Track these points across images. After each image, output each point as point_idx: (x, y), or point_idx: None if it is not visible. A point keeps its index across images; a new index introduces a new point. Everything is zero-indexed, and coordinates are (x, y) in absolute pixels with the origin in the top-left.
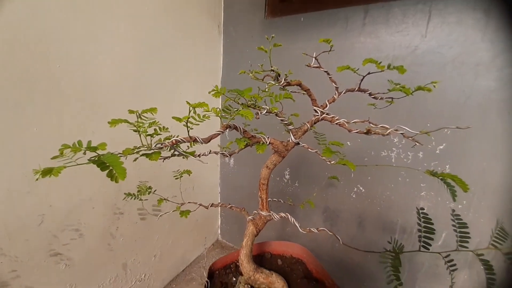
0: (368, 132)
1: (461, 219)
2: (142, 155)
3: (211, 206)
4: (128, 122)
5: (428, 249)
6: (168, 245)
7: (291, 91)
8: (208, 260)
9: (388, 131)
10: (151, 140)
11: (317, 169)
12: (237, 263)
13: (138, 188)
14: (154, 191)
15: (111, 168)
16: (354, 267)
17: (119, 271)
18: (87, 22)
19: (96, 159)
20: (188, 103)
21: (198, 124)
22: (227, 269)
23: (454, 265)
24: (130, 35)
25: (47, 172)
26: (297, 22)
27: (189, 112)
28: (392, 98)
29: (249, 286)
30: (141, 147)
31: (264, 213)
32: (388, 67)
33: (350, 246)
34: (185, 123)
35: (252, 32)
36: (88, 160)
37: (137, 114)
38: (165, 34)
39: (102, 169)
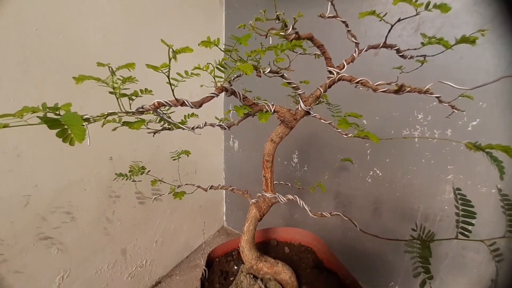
0: (400, 89)
1: (509, 200)
2: (124, 123)
3: (210, 188)
4: (98, 80)
5: (468, 236)
6: (170, 231)
7: (300, 53)
8: (211, 247)
9: (427, 87)
10: (130, 104)
11: (329, 152)
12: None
13: (130, 168)
14: (148, 171)
15: (65, 127)
16: (368, 256)
17: (118, 257)
18: None
19: (47, 117)
20: (163, 41)
21: (185, 81)
22: (228, 256)
23: (500, 254)
24: (118, 1)
25: None
26: None
27: (169, 60)
28: (425, 56)
29: (251, 276)
30: (119, 112)
31: (268, 194)
32: (427, 6)
33: (369, 233)
34: (166, 74)
35: (257, 1)
36: (39, 118)
37: (110, 68)
38: (159, 3)
39: (51, 127)
